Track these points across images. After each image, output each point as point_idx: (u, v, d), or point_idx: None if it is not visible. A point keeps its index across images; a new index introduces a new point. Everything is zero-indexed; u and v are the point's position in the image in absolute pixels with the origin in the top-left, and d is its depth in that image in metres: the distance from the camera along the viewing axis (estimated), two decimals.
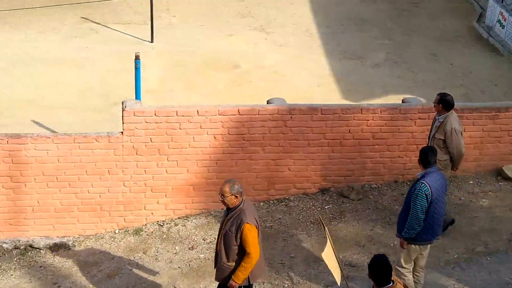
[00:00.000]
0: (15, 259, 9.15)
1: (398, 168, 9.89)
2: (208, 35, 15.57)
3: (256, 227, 6.65)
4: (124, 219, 9.46)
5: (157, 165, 9.33)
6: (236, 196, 6.60)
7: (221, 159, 9.46)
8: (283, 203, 9.73)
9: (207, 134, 9.31)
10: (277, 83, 13.59)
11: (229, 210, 6.71)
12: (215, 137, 9.34)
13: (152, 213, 9.50)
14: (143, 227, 9.47)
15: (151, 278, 8.57)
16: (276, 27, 16.19)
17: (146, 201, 9.45)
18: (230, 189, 6.58)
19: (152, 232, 9.41)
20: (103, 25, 15.69)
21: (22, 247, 9.25)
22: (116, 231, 9.45)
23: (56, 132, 10.51)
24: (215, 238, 8.94)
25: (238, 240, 6.60)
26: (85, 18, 16.00)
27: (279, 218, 9.47)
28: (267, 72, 14.15)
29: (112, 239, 9.35)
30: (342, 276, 6.90)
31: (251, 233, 6.56)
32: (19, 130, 10.06)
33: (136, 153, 9.23)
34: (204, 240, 9.11)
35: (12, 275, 8.88)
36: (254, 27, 16.09)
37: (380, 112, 9.63)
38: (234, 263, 6.71)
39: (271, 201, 9.76)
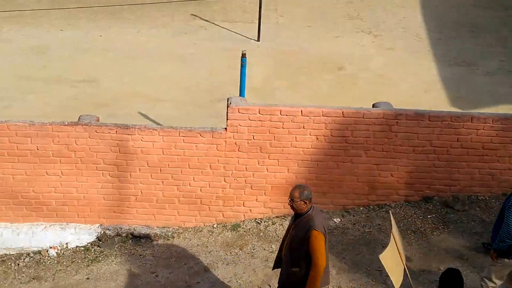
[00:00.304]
0: (116, 246, 9.41)
1: (508, 180, 9.43)
2: (314, 35, 15.48)
3: (324, 235, 6.53)
4: (223, 214, 9.54)
5: (258, 162, 9.35)
6: (305, 202, 6.53)
7: (322, 160, 9.35)
8: (384, 209, 9.50)
9: (310, 134, 9.24)
10: (382, 87, 13.32)
11: (297, 215, 6.64)
12: (317, 138, 9.25)
13: (250, 210, 9.53)
14: (241, 224, 9.52)
15: (246, 274, 8.59)
16: (385, 30, 15.87)
17: (245, 198, 9.48)
18: (299, 194, 6.51)
19: (249, 229, 9.43)
20: (212, 23, 15.93)
21: (123, 235, 9.50)
22: (214, 226, 9.54)
23: (161, 125, 10.75)
24: None
25: (305, 247, 6.50)
26: (194, 15, 16.31)
27: (379, 225, 9.26)
28: (372, 75, 13.90)
29: (210, 233, 9.45)
30: (409, 281, 6.62)
31: (318, 241, 6.44)
32: (127, 121, 10.34)
33: (238, 150, 9.28)
34: None
35: (113, 261, 9.14)
36: (362, 29, 15.85)
37: (492, 122, 9.22)
38: (298, 269, 6.62)
39: (371, 207, 9.56)
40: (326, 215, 9.39)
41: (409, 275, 6.71)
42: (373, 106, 9.70)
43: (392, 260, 6.49)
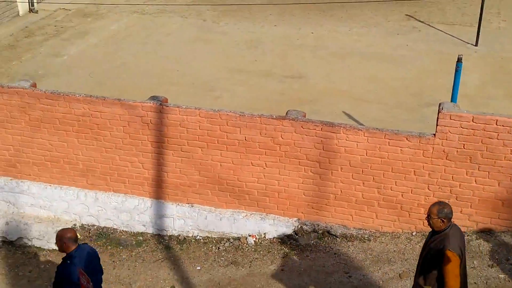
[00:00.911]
0: (312, 241, 9.44)
1: None
2: None
3: (459, 256, 6.18)
4: (423, 223, 9.14)
5: (466, 173, 8.84)
6: (442, 220, 6.29)
7: None
8: None
9: None
10: None
11: (434, 232, 6.40)
12: None
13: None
14: None
15: None
16: None
17: None
18: (437, 211, 6.29)
19: None
20: (427, 24, 15.45)
21: (320, 232, 9.50)
22: (413, 233, 9.20)
23: (363, 125, 10.60)
24: None
25: (438, 266, 6.25)
26: (409, 15, 15.93)
27: None
28: None
29: (408, 240, 9.13)
30: None
31: (451, 262, 6.14)
32: (330, 119, 10.34)
33: (446, 158, 8.84)
34: (507, 260, 8.41)
35: (308, 256, 9.18)
36: None
37: None
38: (430, 287, 6.38)
39: None
40: None
41: None
42: None
43: None
